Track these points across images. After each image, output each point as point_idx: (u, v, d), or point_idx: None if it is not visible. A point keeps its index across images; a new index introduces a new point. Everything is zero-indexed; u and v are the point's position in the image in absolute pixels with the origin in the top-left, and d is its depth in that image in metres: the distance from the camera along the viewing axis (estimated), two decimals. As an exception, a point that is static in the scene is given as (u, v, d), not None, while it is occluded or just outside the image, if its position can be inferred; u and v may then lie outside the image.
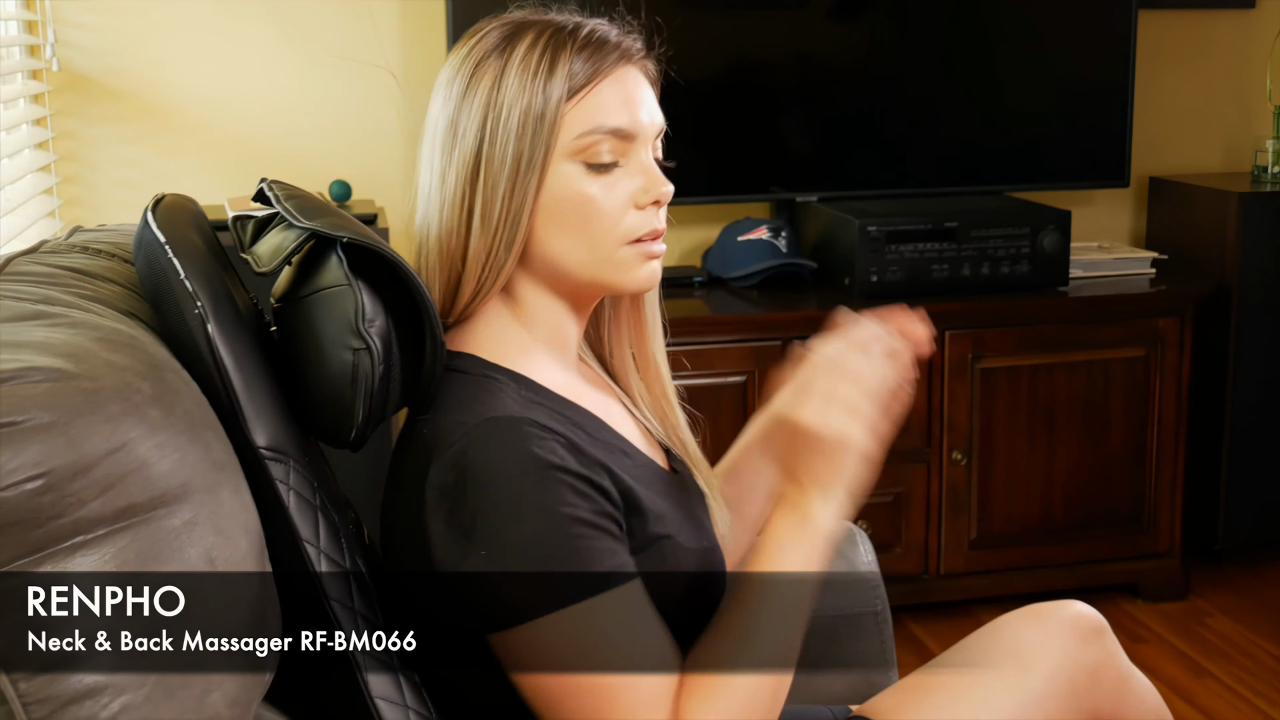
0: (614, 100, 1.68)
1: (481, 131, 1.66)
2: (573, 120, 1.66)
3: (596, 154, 1.67)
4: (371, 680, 1.58)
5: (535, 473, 1.55)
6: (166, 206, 1.67)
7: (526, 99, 1.65)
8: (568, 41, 1.68)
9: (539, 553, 1.53)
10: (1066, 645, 1.90)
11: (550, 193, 1.67)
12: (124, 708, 1.20)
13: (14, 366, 1.18)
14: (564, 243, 1.68)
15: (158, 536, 1.23)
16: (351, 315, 1.54)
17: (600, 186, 1.67)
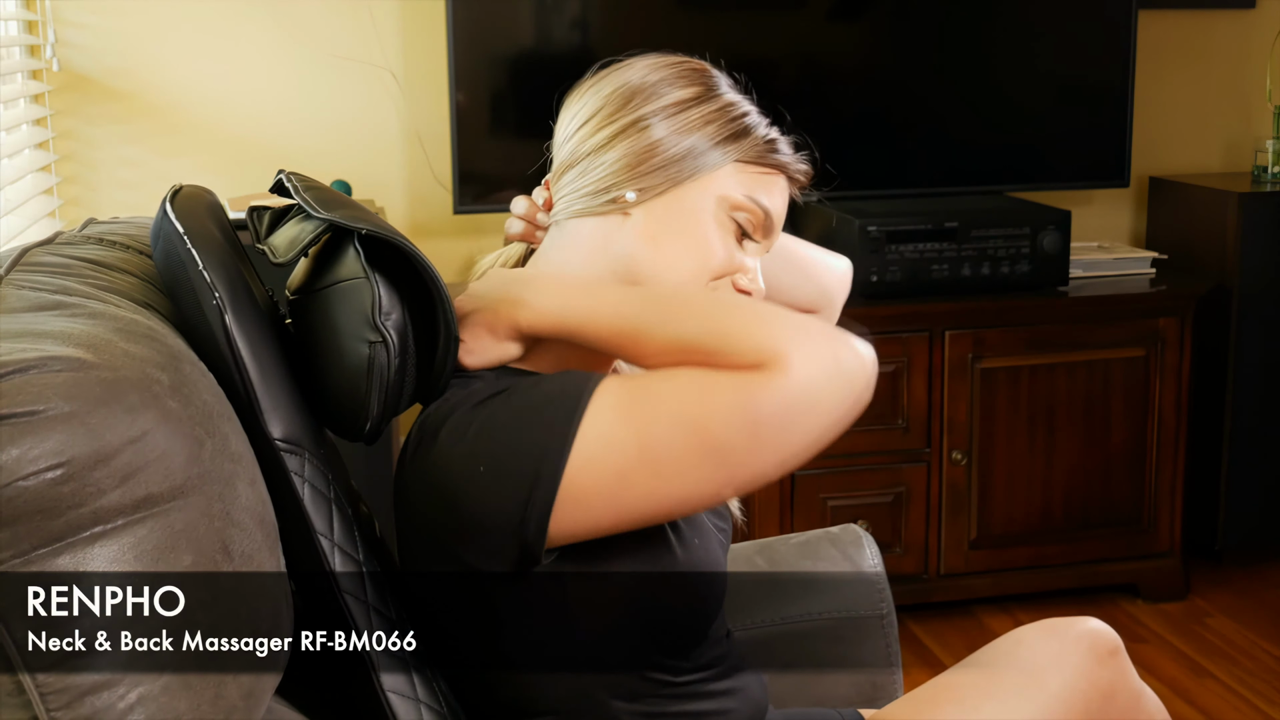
0: (773, 189, 1.79)
1: (656, 116, 1.75)
2: (735, 180, 1.74)
3: (744, 214, 1.74)
4: (384, 673, 1.58)
5: (574, 385, 1.55)
6: (185, 197, 1.67)
7: (714, 129, 1.76)
8: (761, 122, 1.84)
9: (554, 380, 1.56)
10: (1082, 663, 1.90)
11: (681, 209, 1.73)
12: (141, 698, 1.20)
13: (34, 356, 1.18)
14: (666, 253, 1.72)
15: (176, 527, 1.23)
16: (368, 308, 1.54)
17: (725, 237, 1.73)
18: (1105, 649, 1.92)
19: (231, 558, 1.29)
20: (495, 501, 1.51)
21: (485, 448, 1.53)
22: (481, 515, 1.53)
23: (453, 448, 1.55)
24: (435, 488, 1.57)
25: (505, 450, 1.51)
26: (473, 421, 1.55)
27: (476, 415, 1.55)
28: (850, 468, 3.92)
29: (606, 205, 1.72)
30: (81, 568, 1.17)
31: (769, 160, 1.78)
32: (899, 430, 3.93)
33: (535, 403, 1.53)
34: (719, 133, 1.75)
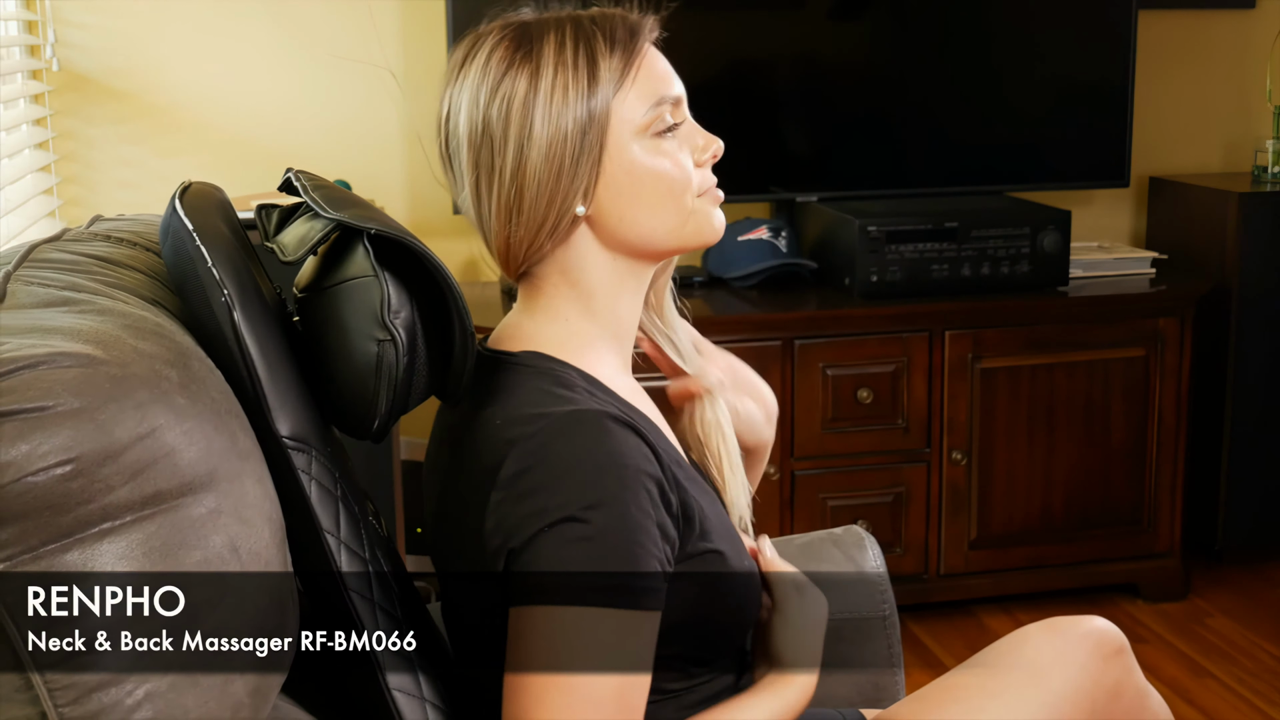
0: (658, 73, 1.72)
1: (522, 136, 1.67)
2: (629, 106, 1.69)
3: (664, 122, 1.70)
4: (389, 672, 1.58)
5: (617, 470, 1.55)
6: (194, 194, 1.67)
7: (574, 96, 1.67)
8: (596, 34, 1.70)
9: (599, 546, 1.53)
10: (1088, 662, 1.90)
11: (622, 175, 1.69)
12: (148, 694, 1.20)
13: (44, 352, 1.18)
14: (646, 216, 1.70)
15: (183, 524, 1.23)
16: (377, 306, 1.54)
17: (668, 157, 1.71)
18: (1111, 648, 1.92)
19: (239, 555, 1.29)
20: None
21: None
22: (514, 551, 1.57)
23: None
24: (475, 519, 1.61)
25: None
26: (544, 482, 1.56)
27: (548, 478, 1.56)
28: (850, 468, 3.92)
29: (565, 230, 1.70)
30: (90, 564, 1.17)
31: (631, 58, 1.71)
32: (899, 430, 3.94)
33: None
34: (580, 92, 1.68)
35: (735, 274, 4.07)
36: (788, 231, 4.10)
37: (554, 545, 1.53)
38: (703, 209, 1.73)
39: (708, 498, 1.75)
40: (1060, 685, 1.88)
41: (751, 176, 4.17)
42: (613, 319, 1.75)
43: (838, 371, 3.85)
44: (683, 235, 1.73)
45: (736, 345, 3.75)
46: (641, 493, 1.56)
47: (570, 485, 1.54)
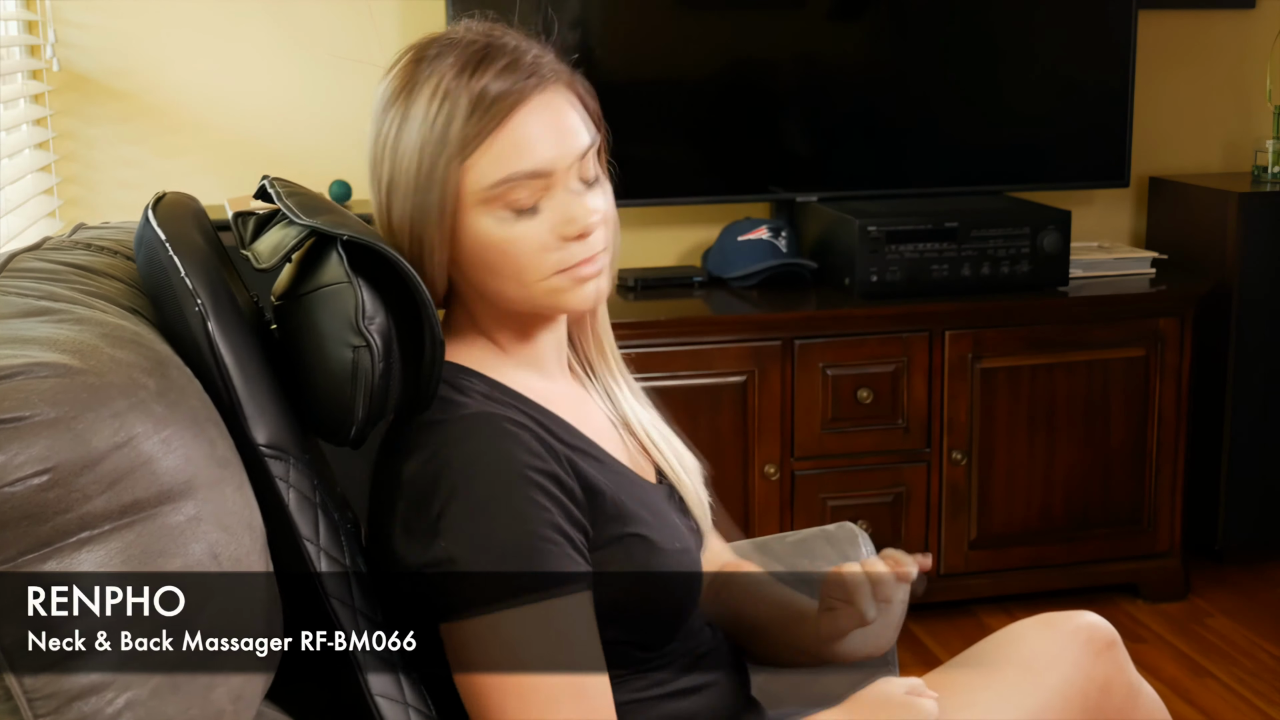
0: (519, 144, 1.65)
1: (387, 181, 1.68)
2: (479, 172, 1.65)
3: (514, 201, 1.66)
4: (372, 678, 1.58)
5: (506, 470, 1.59)
6: (168, 204, 1.67)
7: (426, 155, 1.65)
8: (469, 83, 1.65)
9: (499, 550, 1.57)
10: (1079, 657, 1.90)
11: (470, 240, 1.67)
12: (129, 703, 1.20)
13: (20, 362, 1.18)
14: (494, 283, 1.70)
15: (162, 532, 1.23)
16: (352, 313, 1.54)
17: (521, 228, 1.67)
18: (1102, 642, 1.93)
19: (220, 563, 1.29)
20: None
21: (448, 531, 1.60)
22: (419, 575, 1.62)
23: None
24: (385, 535, 1.65)
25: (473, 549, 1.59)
26: (439, 491, 1.61)
27: (443, 487, 1.60)
28: (850, 468, 3.92)
29: (440, 273, 1.71)
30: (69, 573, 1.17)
31: (484, 126, 1.65)
32: (899, 430, 3.93)
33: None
34: (430, 153, 1.65)
35: (735, 274, 4.07)
36: (788, 231, 4.10)
37: (459, 559, 1.58)
38: (559, 286, 1.69)
39: (637, 487, 1.78)
40: (1053, 680, 1.89)
41: (751, 176, 4.16)
42: (510, 342, 1.78)
43: (838, 371, 3.85)
44: (537, 305, 1.72)
45: (736, 345, 3.75)
46: (533, 489, 1.59)
47: (464, 494, 1.58)
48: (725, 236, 4.13)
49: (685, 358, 3.74)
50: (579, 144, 1.69)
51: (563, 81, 1.71)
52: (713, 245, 4.20)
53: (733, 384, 3.78)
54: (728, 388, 3.77)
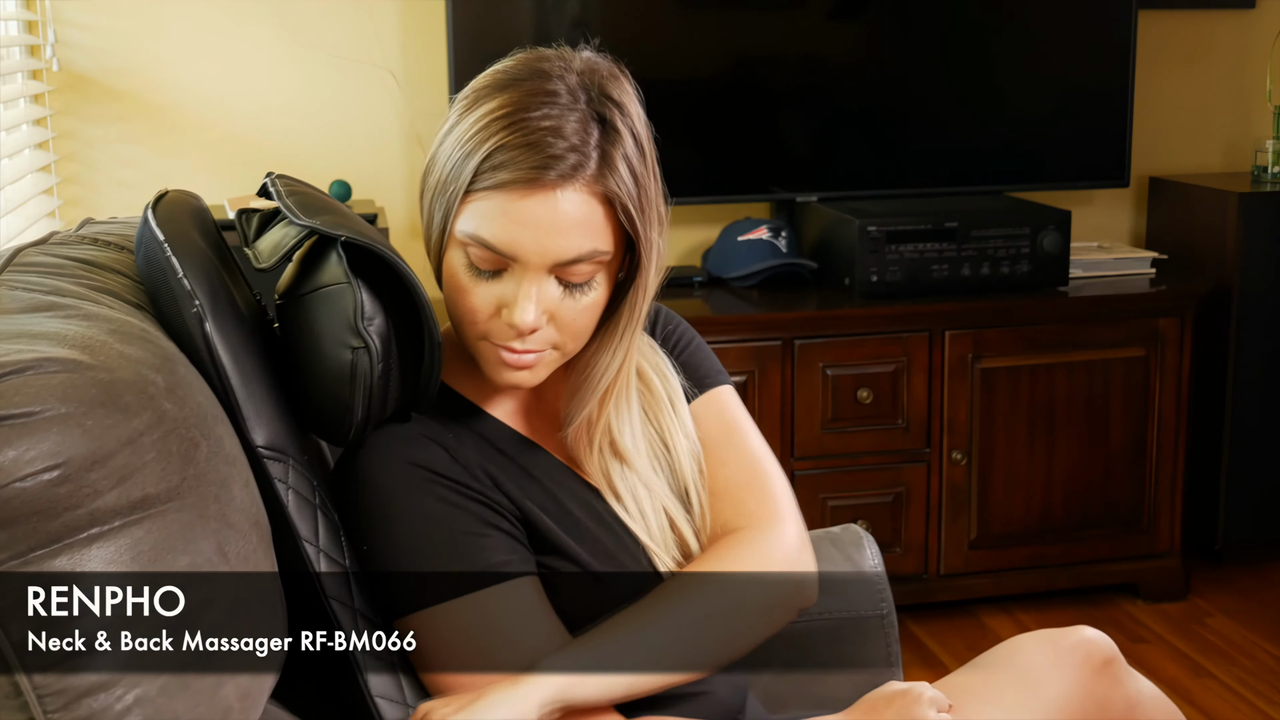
0: (503, 215, 1.63)
1: (426, 167, 1.71)
2: (466, 216, 1.64)
3: (474, 257, 1.65)
4: (371, 678, 1.58)
5: (408, 476, 1.64)
6: (168, 203, 1.66)
7: (450, 166, 1.66)
8: (496, 134, 1.63)
9: (416, 550, 1.62)
10: (1078, 674, 1.90)
11: (447, 259, 1.68)
12: (137, 700, 1.20)
13: (30, 357, 1.18)
14: (448, 302, 1.71)
15: (172, 529, 1.23)
16: (350, 314, 1.54)
17: (475, 283, 1.66)
18: (1100, 658, 1.93)
19: (228, 559, 1.29)
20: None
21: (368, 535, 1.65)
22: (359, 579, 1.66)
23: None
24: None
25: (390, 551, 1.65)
26: (355, 498, 1.66)
27: (355, 493, 1.66)
28: (850, 468, 3.92)
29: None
30: (79, 569, 1.17)
31: (497, 179, 1.62)
32: (899, 430, 3.93)
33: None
34: (450, 166, 1.66)
35: (735, 274, 4.07)
36: (788, 231, 4.10)
37: (383, 560, 1.63)
38: (485, 353, 1.69)
39: (568, 504, 1.77)
40: (1052, 694, 1.89)
41: (751, 176, 4.17)
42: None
43: (838, 371, 3.85)
44: (471, 348, 1.71)
45: (736, 345, 3.75)
46: (440, 488, 1.64)
47: (371, 500, 1.64)
48: (725, 236, 4.13)
49: (685, 358, 3.73)
50: (564, 250, 1.63)
51: (591, 185, 1.64)
52: (713, 245, 4.20)
53: (733, 384, 3.77)
54: (728, 388, 3.77)
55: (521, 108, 1.63)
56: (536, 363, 1.68)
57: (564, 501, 1.75)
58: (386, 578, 1.62)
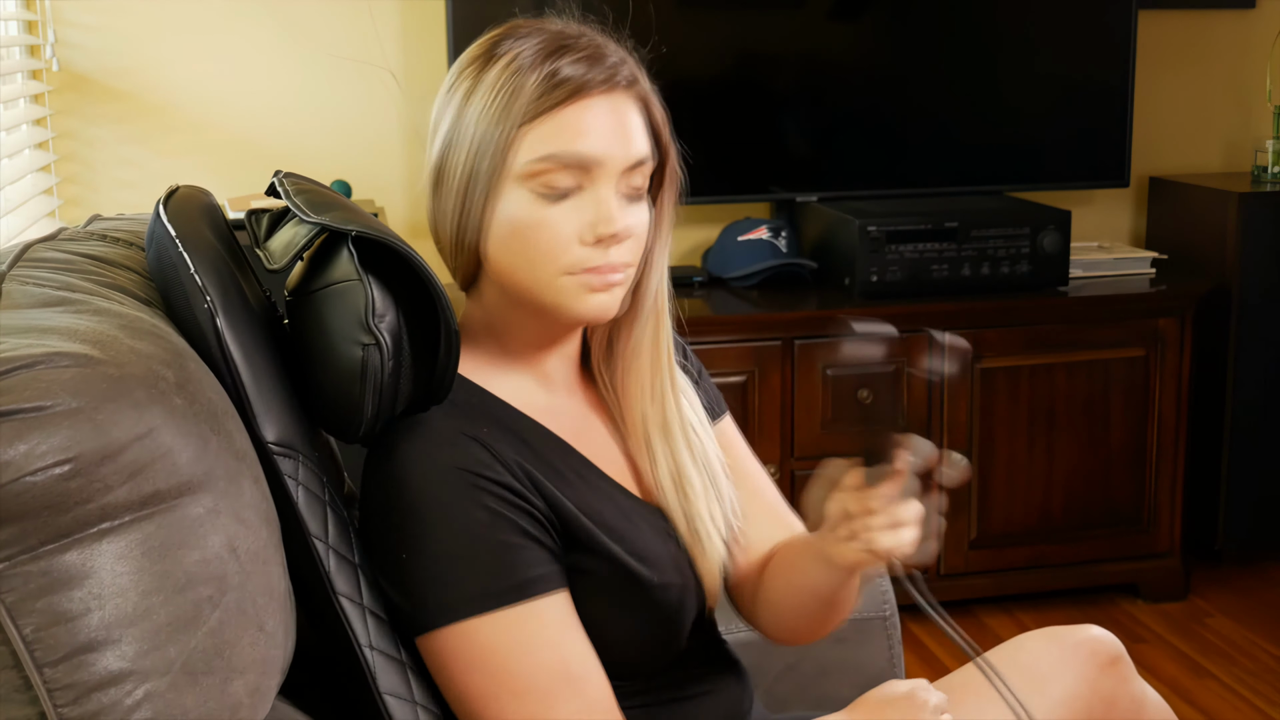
0: (575, 127, 1.64)
1: (446, 140, 1.68)
2: (530, 144, 1.63)
3: (548, 182, 1.64)
4: (380, 676, 1.58)
5: (453, 480, 1.60)
6: (179, 199, 1.66)
7: (486, 118, 1.64)
8: (543, 62, 1.65)
9: (458, 560, 1.59)
10: (1085, 671, 1.90)
11: (502, 213, 1.65)
12: (148, 694, 1.20)
13: (41, 352, 1.18)
14: (511, 263, 1.67)
15: (182, 524, 1.23)
16: (362, 310, 1.53)
17: (550, 214, 1.65)
18: (1106, 656, 1.93)
19: (238, 555, 1.29)
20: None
21: (406, 544, 1.62)
22: (387, 589, 1.64)
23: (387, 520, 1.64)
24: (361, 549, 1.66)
25: (430, 561, 1.61)
26: (392, 504, 1.63)
27: (394, 499, 1.63)
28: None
29: (472, 254, 1.71)
30: (89, 564, 1.17)
31: (550, 100, 1.64)
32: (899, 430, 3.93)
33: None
34: (494, 115, 1.64)
35: (735, 274, 4.07)
36: (788, 231, 4.11)
37: (419, 570, 1.60)
38: (566, 287, 1.67)
39: (612, 509, 1.75)
40: (1057, 692, 1.89)
41: (751, 176, 4.17)
42: (519, 346, 1.77)
43: (838, 371, 3.85)
44: (543, 298, 1.68)
45: (736, 345, 3.75)
46: (484, 495, 1.61)
47: (414, 504, 1.61)
48: (725, 236, 4.13)
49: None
50: (635, 150, 1.68)
51: (637, 92, 1.71)
52: (713, 245, 4.21)
53: (733, 384, 3.78)
54: (728, 388, 3.77)
55: (563, 37, 1.68)
56: (615, 284, 1.69)
57: (599, 499, 1.73)
58: (424, 586, 1.59)
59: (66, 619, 1.17)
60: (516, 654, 1.59)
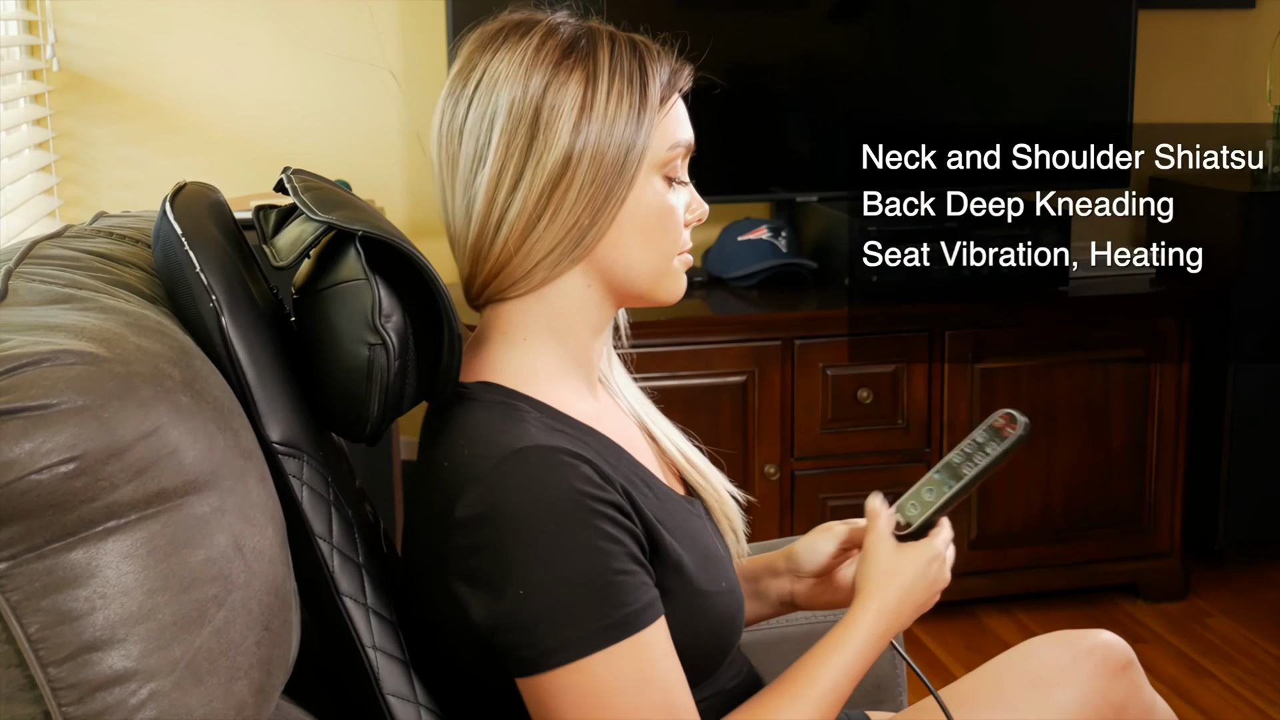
0: (681, 115, 1.73)
1: (575, 134, 1.62)
2: (661, 133, 1.68)
3: (676, 168, 1.70)
4: (384, 677, 1.57)
5: (571, 506, 1.52)
6: (186, 196, 1.65)
7: (626, 109, 1.64)
8: (644, 52, 1.71)
9: (578, 591, 1.51)
10: (1095, 678, 1.89)
11: (637, 203, 1.65)
12: (152, 694, 1.19)
13: (47, 349, 1.18)
14: (640, 252, 1.67)
15: (188, 522, 1.23)
16: (368, 310, 1.52)
17: (675, 199, 1.70)
18: (1118, 663, 1.91)
19: (243, 554, 1.28)
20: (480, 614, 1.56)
21: (522, 578, 1.53)
22: (490, 629, 1.55)
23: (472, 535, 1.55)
24: (442, 585, 1.59)
25: (550, 594, 1.52)
26: (501, 536, 1.53)
27: (505, 530, 1.53)
28: (850, 468, 3.92)
29: (582, 252, 1.66)
30: (94, 562, 1.17)
31: (668, 89, 1.73)
32: (899, 430, 3.93)
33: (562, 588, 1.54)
34: (633, 108, 1.66)
35: (735, 274, 4.07)
36: (788, 231, 4.10)
37: (536, 606, 1.51)
38: (675, 269, 1.72)
39: (682, 515, 1.72)
40: (1066, 698, 1.87)
41: (751, 176, 4.17)
42: (579, 348, 1.72)
43: (838, 371, 3.85)
44: (657, 284, 1.70)
45: (736, 345, 3.75)
46: (602, 520, 1.53)
47: (529, 536, 1.51)
48: (725, 236, 4.13)
49: (685, 358, 3.74)
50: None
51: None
52: (713, 245, 4.21)
53: (733, 384, 3.78)
54: (728, 388, 3.77)
55: (628, 36, 1.74)
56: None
57: (667, 508, 1.69)
58: (537, 624, 1.50)
59: (71, 618, 1.17)
60: (631, 690, 1.53)
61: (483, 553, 1.53)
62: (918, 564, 1.76)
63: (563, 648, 1.51)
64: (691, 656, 1.66)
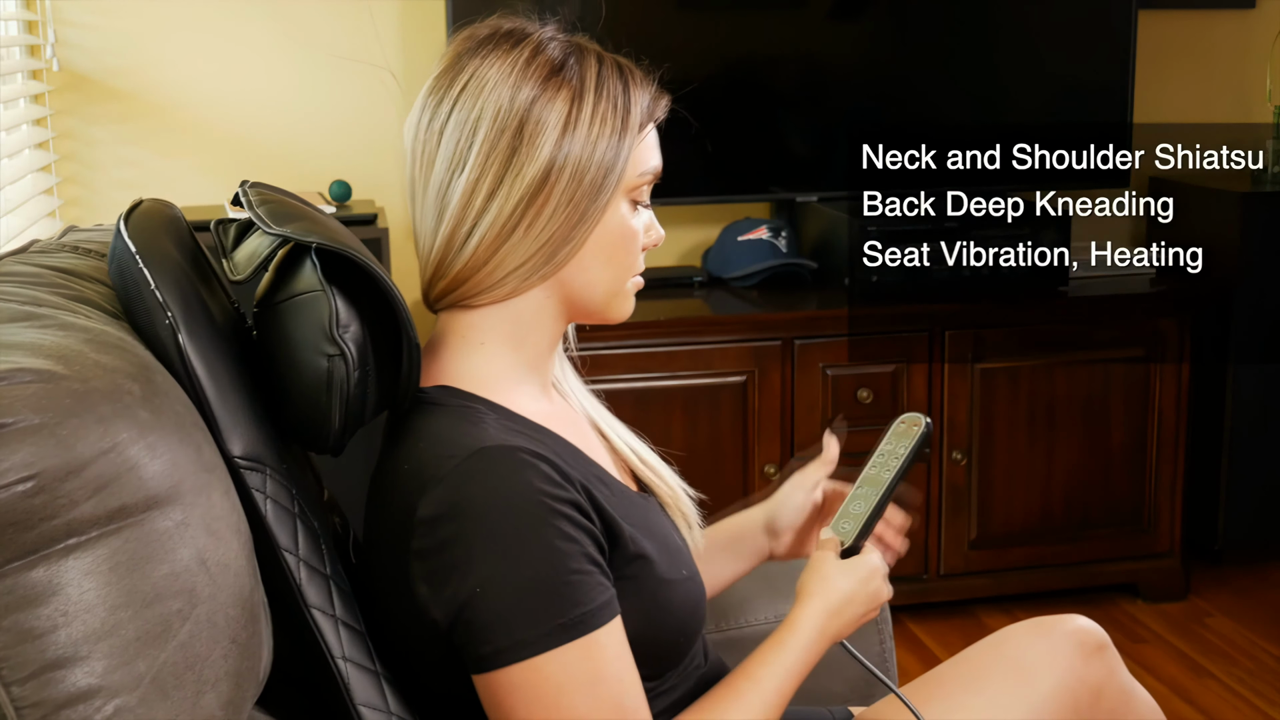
0: (653, 142, 1.73)
1: (557, 150, 1.62)
2: (636, 158, 1.69)
3: (643, 192, 1.70)
4: (354, 688, 1.57)
5: (532, 505, 1.54)
6: (141, 214, 1.65)
7: (609, 131, 1.65)
8: (629, 77, 1.70)
9: (534, 590, 1.53)
10: (1071, 661, 1.90)
11: (606, 226, 1.67)
12: (117, 710, 1.20)
13: (3, 368, 1.18)
14: (600, 271, 1.69)
15: (150, 538, 1.23)
16: (326, 321, 1.52)
17: (637, 223, 1.71)
18: (1092, 646, 1.93)
19: (208, 568, 1.29)
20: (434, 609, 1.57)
21: (480, 575, 1.54)
22: (448, 625, 1.57)
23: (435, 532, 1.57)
24: (404, 583, 1.60)
25: (509, 591, 1.54)
26: (463, 533, 1.54)
27: (467, 528, 1.54)
28: (850, 468, 3.91)
29: (553, 269, 1.68)
30: (56, 580, 1.17)
31: (647, 115, 1.72)
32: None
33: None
34: (615, 129, 1.67)
35: (735, 274, 4.07)
36: (788, 231, 4.10)
37: (492, 603, 1.52)
38: (630, 292, 1.75)
39: (639, 510, 1.74)
40: (1044, 684, 1.89)
41: (751, 176, 4.16)
42: (535, 355, 1.74)
43: (838, 371, 3.85)
44: (610, 303, 1.73)
45: (736, 345, 3.75)
46: (560, 519, 1.55)
47: (489, 533, 1.53)
48: (725, 236, 4.13)
49: (685, 358, 3.74)
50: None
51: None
52: (713, 245, 4.20)
53: (733, 384, 3.78)
54: (728, 388, 3.77)
55: (611, 57, 1.72)
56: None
57: (625, 503, 1.71)
58: (494, 622, 1.52)
59: (33, 636, 1.17)
60: (583, 690, 1.54)
61: (444, 551, 1.55)
62: (860, 573, 1.80)
63: (517, 646, 1.53)
64: (657, 646, 1.70)
